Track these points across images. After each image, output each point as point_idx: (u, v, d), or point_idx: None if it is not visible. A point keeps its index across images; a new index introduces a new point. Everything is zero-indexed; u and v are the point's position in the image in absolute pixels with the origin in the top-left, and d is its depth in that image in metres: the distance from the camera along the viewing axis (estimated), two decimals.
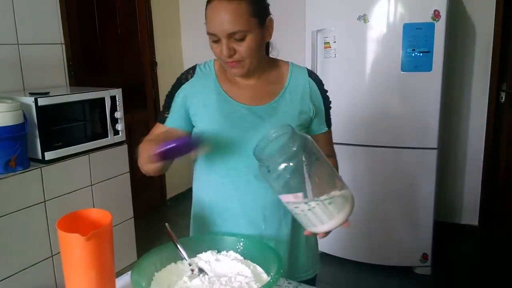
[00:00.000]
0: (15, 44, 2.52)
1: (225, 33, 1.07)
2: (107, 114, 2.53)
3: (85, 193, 2.44)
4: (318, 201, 0.96)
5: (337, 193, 0.98)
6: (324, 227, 0.99)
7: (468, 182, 3.38)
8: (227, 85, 1.21)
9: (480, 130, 3.27)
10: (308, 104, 1.21)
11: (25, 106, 2.16)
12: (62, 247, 0.90)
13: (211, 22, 1.08)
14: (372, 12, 2.57)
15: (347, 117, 2.73)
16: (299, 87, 1.22)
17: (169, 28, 4.01)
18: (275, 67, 1.24)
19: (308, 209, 0.97)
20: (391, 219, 2.78)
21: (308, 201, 0.96)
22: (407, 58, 2.55)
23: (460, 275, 2.84)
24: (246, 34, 1.08)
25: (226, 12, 1.05)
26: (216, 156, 1.19)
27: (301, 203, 0.96)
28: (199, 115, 1.19)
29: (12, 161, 2.07)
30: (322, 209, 0.97)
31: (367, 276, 2.81)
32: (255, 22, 1.09)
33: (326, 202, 0.96)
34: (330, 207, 0.97)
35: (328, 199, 0.96)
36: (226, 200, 1.21)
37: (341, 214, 0.98)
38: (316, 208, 0.96)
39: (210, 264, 1.04)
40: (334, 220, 0.98)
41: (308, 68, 1.28)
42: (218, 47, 1.10)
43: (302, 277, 1.30)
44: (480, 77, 3.22)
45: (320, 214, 0.97)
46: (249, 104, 1.18)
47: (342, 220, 0.99)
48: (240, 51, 1.10)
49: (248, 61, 1.12)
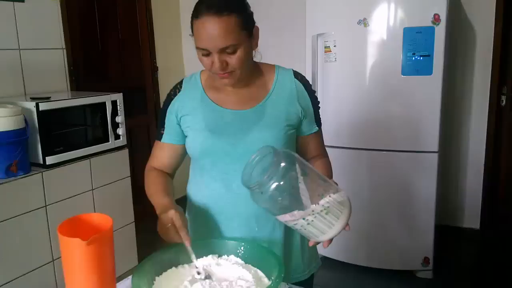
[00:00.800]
0: (17, 49, 2.52)
1: (217, 48, 1.07)
2: (108, 119, 2.54)
3: (86, 198, 2.44)
4: (314, 214, 0.96)
5: (332, 200, 0.98)
6: (326, 236, 1.00)
7: (469, 186, 3.38)
8: (214, 93, 1.23)
9: (481, 134, 3.27)
10: (295, 105, 1.22)
11: (26, 111, 2.16)
12: (63, 252, 0.90)
13: (201, 38, 1.08)
14: (372, 16, 2.57)
15: (347, 121, 2.74)
16: (286, 89, 1.23)
17: (169, 32, 4.02)
18: (260, 71, 1.25)
19: (307, 224, 0.97)
20: (392, 222, 2.78)
21: (305, 216, 0.96)
22: (408, 62, 2.55)
23: (462, 279, 2.83)
24: (237, 47, 1.09)
25: (217, 27, 1.05)
26: (207, 161, 1.22)
27: (298, 219, 0.97)
28: (189, 125, 1.22)
29: (13, 166, 2.07)
30: (320, 221, 0.97)
31: (369, 280, 2.80)
32: (245, 35, 1.11)
33: (323, 213, 0.97)
34: (328, 216, 0.97)
35: (324, 210, 0.97)
36: (218, 203, 1.23)
37: (340, 220, 0.99)
38: (314, 221, 0.97)
39: (211, 268, 1.04)
40: (334, 228, 0.99)
41: (293, 69, 1.28)
42: (208, 59, 1.11)
43: (299, 278, 1.30)
44: (480, 80, 3.22)
45: (319, 226, 0.98)
46: (236, 109, 1.21)
47: (342, 226, 1.00)
48: (231, 63, 1.11)
49: (239, 72, 1.14)
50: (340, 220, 0.99)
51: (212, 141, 1.18)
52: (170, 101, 1.26)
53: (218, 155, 1.19)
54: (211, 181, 1.23)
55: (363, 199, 2.79)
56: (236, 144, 1.17)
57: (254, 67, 1.24)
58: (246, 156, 1.15)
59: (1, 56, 2.45)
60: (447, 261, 2.97)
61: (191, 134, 1.22)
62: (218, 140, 1.18)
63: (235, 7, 1.08)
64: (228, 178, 1.20)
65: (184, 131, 1.24)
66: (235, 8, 1.08)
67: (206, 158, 1.21)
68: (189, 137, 1.23)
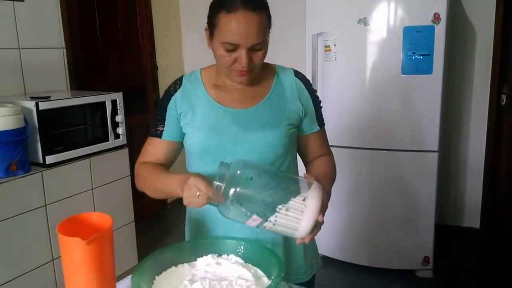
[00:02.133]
0: (16, 49, 2.52)
1: (250, 44, 1.07)
2: (108, 118, 2.54)
3: (86, 197, 2.44)
4: (275, 214, 0.96)
5: (295, 196, 0.97)
6: (299, 232, 0.98)
7: (469, 185, 3.38)
8: (215, 91, 1.22)
9: (481, 133, 3.27)
10: (296, 103, 1.22)
11: (26, 110, 2.16)
12: (62, 251, 0.90)
13: (233, 32, 1.06)
14: (372, 15, 2.57)
15: (347, 120, 2.74)
16: (286, 88, 1.23)
17: (169, 32, 4.02)
18: (261, 70, 1.24)
19: (273, 224, 0.97)
20: (392, 222, 2.78)
21: (267, 217, 0.96)
22: (408, 61, 2.55)
23: (462, 278, 2.83)
24: (264, 45, 1.11)
25: (253, 23, 1.05)
26: (207, 160, 1.20)
27: (263, 222, 0.97)
28: (189, 123, 1.21)
29: (13, 165, 2.07)
30: (284, 219, 0.96)
31: (368, 279, 2.80)
32: (268, 32, 1.13)
33: (282, 211, 0.96)
34: (290, 213, 0.96)
35: (284, 207, 0.96)
36: None
37: (307, 213, 0.96)
38: (278, 220, 0.96)
39: (211, 267, 1.04)
40: (302, 222, 0.96)
41: (293, 68, 1.28)
42: (231, 55, 1.10)
43: (300, 279, 1.30)
44: (480, 79, 3.22)
45: (286, 224, 0.97)
46: (237, 108, 1.20)
47: (311, 218, 0.96)
48: (256, 60, 1.11)
49: (257, 70, 1.15)
50: (306, 213, 0.96)
51: (213, 139, 1.18)
52: (170, 97, 1.24)
53: (219, 154, 1.18)
54: (212, 179, 1.22)
55: (363, 198, 2.79)
56: (238, 142, 1.17)
57: None
58: (247, 154, 1.15)
59: (1, 56, 2.45)
60: (447, 260, 2.97)
61: (191, 132, 1.21)
62: (220, 139, 1.17)
63: (265, 4, 1.10)
64: None
65: (182, 128, 1.23)
66: (265, 6, 1.10)
67: (206, 156, 1.20)
68: (189, 135, 1.22)
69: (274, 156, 1.18)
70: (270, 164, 1.18)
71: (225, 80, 1.22)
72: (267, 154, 1.18)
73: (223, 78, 1.22)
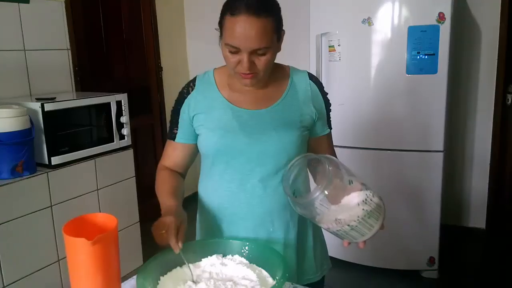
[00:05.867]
0: (22, 50, 2.53)
1: (250, 49, 1.07)
2: (112, 119, 2.54)
3: (91, 198, 2.45)
4: (359, 219, 0.99)
5: (372, 203, 1.00)
6: (364, 238, 1.02)
7: (474, 185, 3.36)
8: (228, 92, 1.22)
9: (487, 132, 3.25)
10: (310, 106, 1.23)
11: (31, 111, 2.17)
12: (68, 252, 0.91)
13: (235, 36, 1.06)
14: (377, 15, 2.56)
15: (352, 121, 2.73)
16: (301, 90, 1.23)
17: (174, 33, 4.03)
18: (275, 72, 1.24)
19: (350, 229, 0.99)
20: (397, 222, 2.76)
21: (350, 223, 0.99)
22: (412, 60, 2.54)
23: (468, 279, 2.82)
24: (267, 51, 1.09)
25: (254, 28, 1.05)
26: (222, 160, 1.20)
27: (343, 225, 0.99)
28: (203, 124, 1.21)
29: (18, 166, 2.08)
30: (363, 225, 0.99)
31: (374, 280, 2.80)
32: (275, 38, 1.12)
33: (366, 218, 0.99)
34: (370, 220, 0.99)
35: (367, 214, 0.99)
36: (233, 204, 1.22)
37: (379, 221, 1.01)
38: (358, 226, 0.99)
39: (216, 268, 1.04)
40: (373, 229, 1.01)
41: (308, 71, 1.29)
42: (234, 58, 1.10)
43: (311, 280, 1.30)
44: (486, 79, 3.20)
45: (361, 230, 1.00)
46: (251, 109, 1.20)
47: (379, 227, 1.02)
48: (259, 65, 1.11)
49: (262, 74, 1.14)
50: (378, 221, 1.01)
51: (227, 140, 1.18)
52: (183, 99, 1.24)
53: (233, 155, 1.18)
54: (225, 180, 1.21)
55: None
56: (252, 144, 1.16)
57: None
58: (261, 156, 1.15)
59: (7, 57, 2.46)
60: (453, 261, 2.96)
61: (205, 133, 1.21)
62: (234, 140, 1.17)
63: (272, 9, 1.09)
64: (243, 178, 1.19)
65: (196, 129, 1.23)
66: (272, 11, 1.09)
67: (220, 157, 1.20)
68: (203, 136, 1.22)
69: (287, 157, 1.17)
70: (283, 166, 1.17)
71: (237, 81, 1.22)
72: (280, 156, 1.18)
73: (235, 80, 1.22)
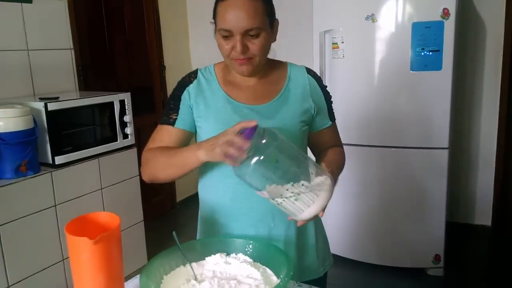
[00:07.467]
0: (25, 50, 2.54)
1: (242, 29, 1.08)
2: (116, 118, 2.54)
3: (95, 197, 2.45)
4: (283, 198, 0.98)
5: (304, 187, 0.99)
6: (312, 209, 1.01)
7: (480, 182, 3.34)
8: (228, 87, 1.22)
9: (492, 129, 3.23)
10: (309, 101, 1.23)
11: (35, 111, 2.17)
12: (70, 251, 0.90)
13: (226, 18, 1.08)
14: (380, 12, 2.55)
15: (356, 118, 2.72)
16: (299, 85, 1.24)
17: (177, 31, 4.03)
18: (273, 68, 1.25)
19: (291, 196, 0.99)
20: (402, 220, 2.75)
21: (273, 197, 0.98)
22: (416, 57, 2.52)
23: (473, 276, 2.80)
24: (260, 32, 1.10)
25: (244, 9, 1.07)
26: None
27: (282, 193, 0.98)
28: (203, 117, 1.21)
29: (22, 166, 2.08)
30: (304, 193, 0.99)
31: (379, 278, 2.78)
32: (268, 22, 1.12)
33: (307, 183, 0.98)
34: (298, 203, 0.99)
35: (293, 196, 0.98)
36: (233, 200, 1.21)
37: (325, 191, 1.00)
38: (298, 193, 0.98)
39: (219, 266, 1.03)
40: (320, 200, 1.00)
41: (305, 66, 1.29)
42: (228, 43, 1.11)
43: (312, 277, 1.29)
44: (491, 75, 3.18)
45: (303, 198, 0.99)
46: (251, 104, 1.20)
47: (318, 209, 1.01)
48: (252, 48, 1.11)
49: (257, 59, 1.14)
50: (316, 202, 1.00)
51: None
52: (184, 87, 1.23)
53: None
54: (225, 176, 1.20)
55: (373, 196, 2.77)
56: None
57: (269, 63, 1.24)
58: None
59: (10, 57, 2.46)
60: (458, 258, 2.94)
61: (204, 126, 1.21)
62: None
63: None
64: None
65: (195, 120, 1.23)
66: None
67: None
68: (202, 129, 1.21)
69: None
70: None
71: (236, 76, 1.22)
72: None
73: (234, 74, 1.22)
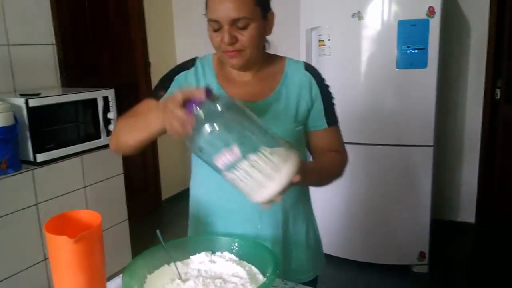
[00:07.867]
0: (5, 45, 2.48)
1: (229, 19, 1.04)
2: (99, 115, 2.50)
3: (78, 195, 2.41)
4: (258, 153, 0.86)
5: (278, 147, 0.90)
6: (273, 183, 0.87)
7: (464, 179, 3.38)
8: (224, 83, 1.19)
9: (476, 127, 3.26)
10: (306, 98, 1.19)
11: (15, 107, 2.13)
12: (50, 250, 0.88)
13: (214, 8, 1.05)
14: (367, 10, 2.55)
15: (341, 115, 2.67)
16: (296, 82, 1.20)
17: (162, 28, 3.98)
18: (271, 63, 1.22)
19: (250, 165, 0.87)
20: (388, 217, 2.76)
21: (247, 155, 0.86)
22: (402, 55, 2.53)
23: (458, 273, 2.83)
24: (249, 22, 1.06)
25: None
26: None
27: (240, 159, 0.87)
28: None
29: (3, 164, 2.04)
30: (264, 162, 0.87)
31: (364, 275, 2.79)
32: (259, 12, 1.08)
33: (267, 153, 0.87)
34: (274, 157, 0.87)
35: (268, 150, 0.87)
36: (222, 198, 1.19)
37: (289, 163, 0.88)
38: (258, 161, 0.87)
39: (204, 265, 1.02)
40: (282, 171, 0.87)
41: (305, 62, 1.26)
42: (218, 35, 1.08)
43: (301, 279, 1.26)
44: (475, 73, 3.21)
45: (264, 168, 0.87)
46: (246, 101, 1.17)
47: (292, 170, 0.88)
48: (242, 40, 1.07)
49: (248, 52, 1.10)
50: (288, 162, 0.88)
51: None
52: (180, 70, 1.21)
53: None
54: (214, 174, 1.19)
55: (358, 194, 2.77)
56: None
57: (266, 58, 1.21)
58: None
59: None
60: (443, 255, 2.97)
61: None
62: None
63: None
64: None
65: None
66: None
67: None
68: None
69: None
70: None
71: (231, 71, 1.19)
72: None
73: (229, 70, 1.19)
